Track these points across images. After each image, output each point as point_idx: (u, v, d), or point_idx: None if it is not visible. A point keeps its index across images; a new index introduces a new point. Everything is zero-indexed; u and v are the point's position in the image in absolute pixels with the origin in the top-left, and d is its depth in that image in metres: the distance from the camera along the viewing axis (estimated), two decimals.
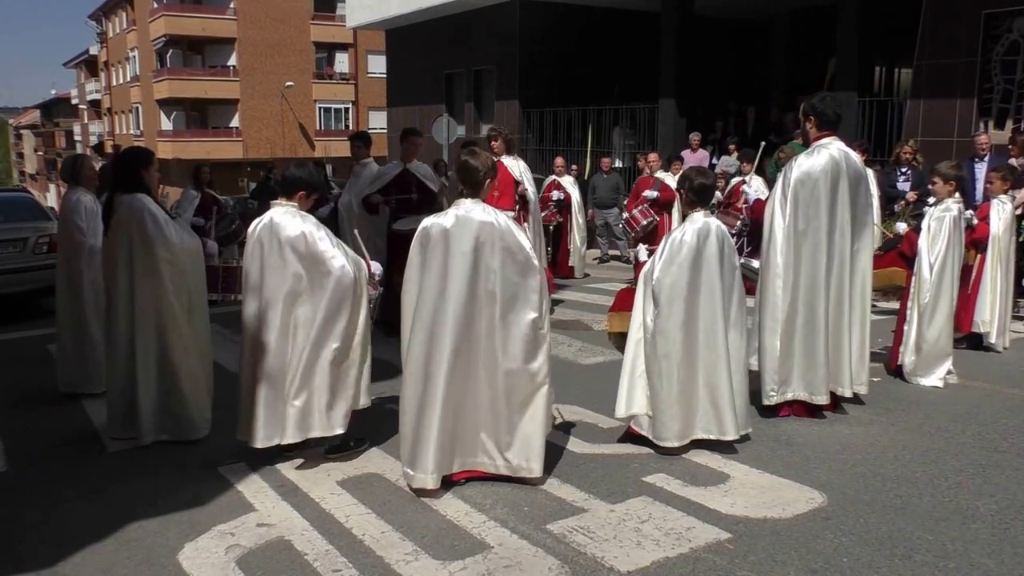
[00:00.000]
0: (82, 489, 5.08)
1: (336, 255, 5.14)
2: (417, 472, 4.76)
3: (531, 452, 4.88)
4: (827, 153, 5.88)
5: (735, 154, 14.88)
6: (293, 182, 5.35)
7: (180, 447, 5.71)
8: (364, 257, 5.45)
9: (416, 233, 4.94)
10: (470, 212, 4.82)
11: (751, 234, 10.11)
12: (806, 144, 6.19)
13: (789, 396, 5.99)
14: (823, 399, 6.00)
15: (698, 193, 5.57)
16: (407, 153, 9.26)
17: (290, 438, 5.20)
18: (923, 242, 6.93)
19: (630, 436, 5.58)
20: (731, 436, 5.41)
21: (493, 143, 9.34)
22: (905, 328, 7.03)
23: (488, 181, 4.98)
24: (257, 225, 5.31)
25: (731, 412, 5.37)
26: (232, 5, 49.33)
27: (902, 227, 7.42)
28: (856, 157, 6.06)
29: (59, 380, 7.12)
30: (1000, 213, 7.98)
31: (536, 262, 4.87)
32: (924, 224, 7.03)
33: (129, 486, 5.10)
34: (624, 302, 5.89)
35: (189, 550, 4.23)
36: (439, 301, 4.77)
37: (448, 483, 4.88)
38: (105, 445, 5.87)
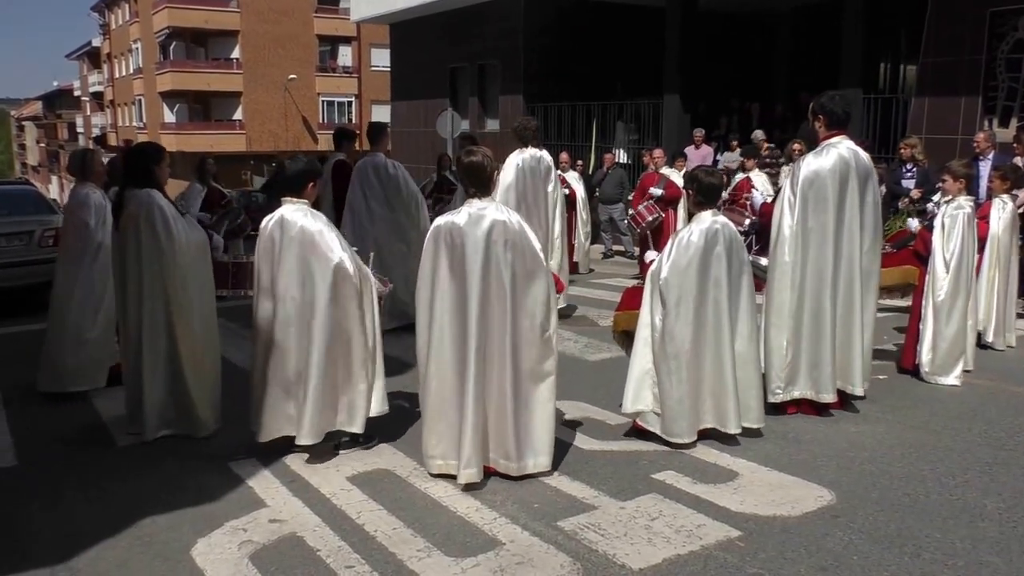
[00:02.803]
0: (93, 484, 5.10)
1: (343, 256, 5.16)
2: (465, 468, 4.78)
3: (539, 449, 4.93)
4: (836, 152, 5.90)
5: (737, 151, 14.91)
6: (301, 177, 5.35)
7: (189, 442, 5.73)
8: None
9: (429, 231, 4.97)
10: (483, 210, 4.85)
11: (759, 233, 10.13)
12: (814, 143, 6.20)
13: (796, 395, 6.01)
14: (830, 397, 6.02)
15: (706, 193, 5.59)
16: (385, 146, 9.41)
17: (305, 438, 5.21)
18: (937, 239, 6.94)
19: (636, 431, 5.62)
20: (732, 429, 5.46)
21: None
22: (920, 326, 7.04)
23: (495, 174, 5.00)
24: (268, 222, 5.33)
25: (734, 406, 5.43)
26: None
27: (915, 224, 7.43)
28: (865, 156, 6.07)
29: (43, 379, 6.97)
30: (1000, 213, 7.99)
31: (544, 264, 4.89)
32: (938, 222, 7.04)
33: (139, 481, 5.12)
34: (631, 301, 5.92)
35: (202, 546, 4.26)
36: (458, 299, 4.81)
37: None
38: (114, 439, 5.89)
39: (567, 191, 13.43)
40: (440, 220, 4.98)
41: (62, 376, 6.92)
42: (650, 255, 5.88)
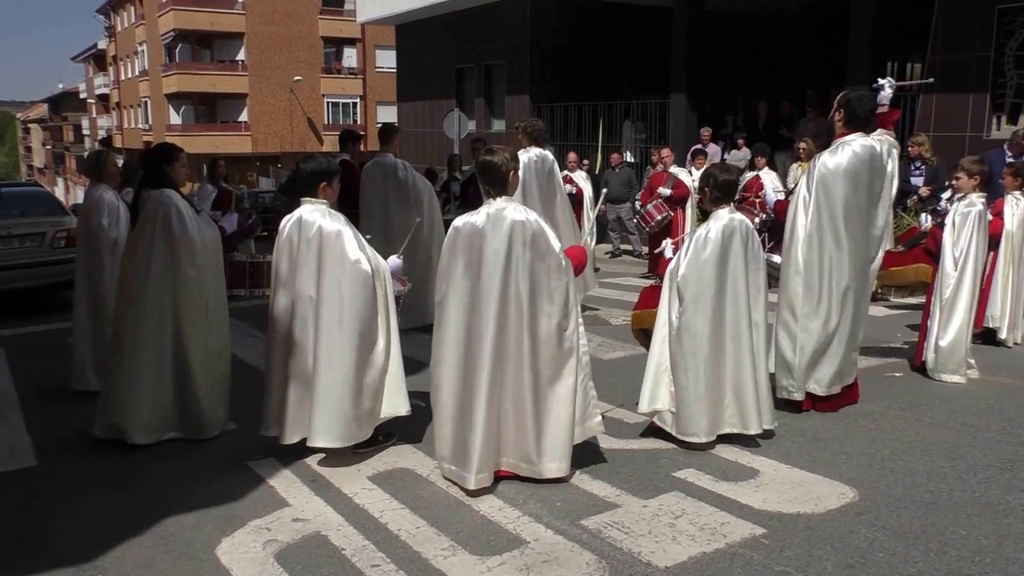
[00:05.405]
0: (113, 484, 5.11)
1: (360, 257, 5.14)
2: (472, 473, 4.73)
3: (557, 453, 4.87)
4: (850, 150, 5.89)
5: (743, 148, 14.91)
6: (312, 177, 5.32)
7: (207, 442, 5.73)
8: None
9: (448, 232, 4.95)
10: (502, 211, 4.81)
11: (771, 230, 10.12)
12: (830, 136, 6.21)
13: (817, 391, 6.05)
14: (835, 390, 6.10)
15: (723, 189, 5.57)
16: (395, 147, 9.52)
17: (334, 442, 5.17)
18: (947, 237, 6.94)
19: (653, 430, 5.61)
20: (754, 430, 5.44)
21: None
22: (928, 324, 7.04)
23: (512, 174, 4.96)
24: (287, 223, 5.32)
25: (755, 406, 5.40)
26: (241, 0, 49.40)
27: (926, 222, 7.42)
28: (880, 152, 6.06)
29: (75, 378, 7.07)
30: (1014, 209, 7.98)
31: (564, 264, 4.86)
32: (948, 220, 7.03)
33: (160, 480, 5.13)
34: (649, 300, 5.92)
35: (226, 545, 4.26)
36: (475, 301, 4.77)
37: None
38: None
39: (574, 189, 13.42)
40: (459, 221, 4.95)
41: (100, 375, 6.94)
42: (667, 248, 5.88)
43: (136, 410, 5.66)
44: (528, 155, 8.66)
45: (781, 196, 9.92)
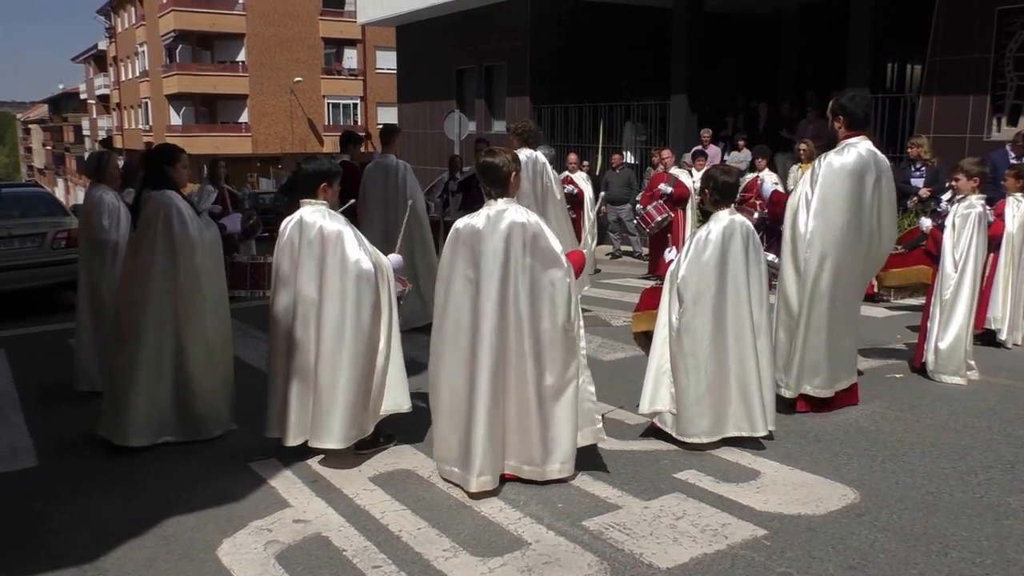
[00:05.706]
0: (114, 484, 5.11)
1: (361, 257, 5.14)
2: (474, 475, 4.71)
3: (561, 453, 4.87)
4: (855, 152, 5.90)
5: (743, 150, 14.92)
6: (310, 178, 5.32)
7: (208, 443, 5.73)
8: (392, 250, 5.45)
9: (449, 234, 4.96)
10: (502, 212, 4.81)
11: (769, 228, 10.11)
12: (832, 142, 6.21)
13: (808, 391, 6.06)
14: (830, 392, 6.12)
15: (722, 191, 5.57)
16: (396, 148, 9.51)
17: (335, 443, 5.16)
18: (947, 239, 6.94)
19: (654, 431, 5.61)
20: (761, 432, 5.44)
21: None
22: (928, 325, 7.04)
23: (514, 176, 4.96)
24: (288, 223, 5.33)
25: (760, 408, 5.40)
26: (241, 1, 49.43)
27: (927, 223, 7.43)
28: (883, 157, 6.06)
29: (78, 379, 7.08)
30: (1015, 211, 7.99)
31: (565, 265, 4.86)
32: (948, 221, 7.04)
33: (161, 481, 5.13)
34: (649, 302, 5.92)
35: (228, 546, 4.26)
36: (474, 303, 4.77)
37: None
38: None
39: (574, 190, 13.38)
40: (459, 223, 4.96)
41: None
42: (669, 254, 5.87)
43: (135, 411, 5.65)
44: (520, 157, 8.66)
45: (779, 187, 9.92)
